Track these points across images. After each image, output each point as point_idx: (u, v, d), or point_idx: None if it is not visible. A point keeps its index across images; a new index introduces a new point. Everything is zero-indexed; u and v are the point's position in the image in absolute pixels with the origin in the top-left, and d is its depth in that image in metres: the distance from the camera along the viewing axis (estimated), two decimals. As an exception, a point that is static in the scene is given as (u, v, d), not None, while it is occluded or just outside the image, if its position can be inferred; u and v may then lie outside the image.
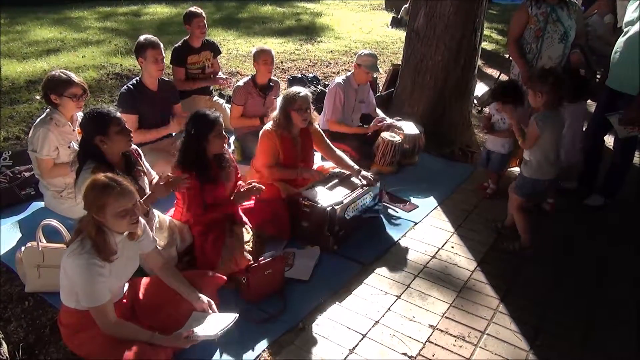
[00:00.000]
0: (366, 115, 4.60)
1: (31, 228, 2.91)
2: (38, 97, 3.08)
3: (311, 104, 3.31)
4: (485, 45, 8.43)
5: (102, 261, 2.02)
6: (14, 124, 4.67)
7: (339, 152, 3.54)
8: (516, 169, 4.24)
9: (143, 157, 2.98)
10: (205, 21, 4.53)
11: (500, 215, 3.53)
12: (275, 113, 3.34)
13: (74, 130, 3.20)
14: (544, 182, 3.14)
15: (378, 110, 4.64)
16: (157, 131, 3.74)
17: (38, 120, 3.14)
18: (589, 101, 4.64)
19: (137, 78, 3.76)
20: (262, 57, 4.05)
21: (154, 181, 2.97)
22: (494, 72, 7.32)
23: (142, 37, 3.69)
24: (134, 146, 2.90)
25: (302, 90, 3.28)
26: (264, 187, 3.00)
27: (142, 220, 2.27)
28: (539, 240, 3.29)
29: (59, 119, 3.12)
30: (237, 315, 2.32)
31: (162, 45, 3.69)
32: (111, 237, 2.08)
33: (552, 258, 3.20)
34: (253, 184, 2.97)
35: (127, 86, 3.70)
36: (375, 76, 5.76)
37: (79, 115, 3.28)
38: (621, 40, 3.45)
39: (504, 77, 5.95)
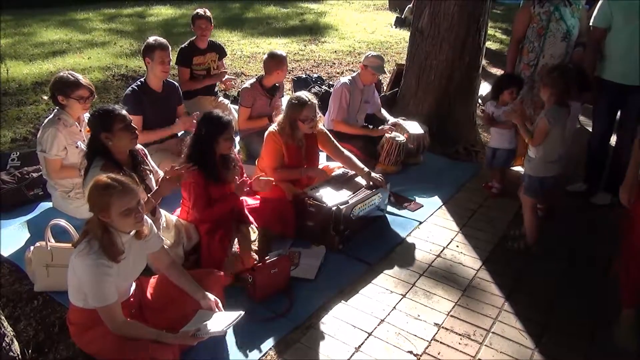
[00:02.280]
0: (371, 115, 4.61)
1: (39, 228, 2.94)
2: (45, 98, 3.14)
3: (317, 110, 3.31)
4: (490, 44, 8.41)
5: (109, 261, 2.04)
6: (22, 125, 4.71)
7: (347, 152, 3.54)
8: (518, 168, 4.25)
9: (149, 157, 3.01)
10: (208, 23, 4.55)
11: (506, 215, 3.54)
12: (280, 117, 3.34)
13: (80, 130, 3.24)
14: (550, 178, 3.13)
15: (383, 111, 4.64)
16: (162, 131, 3.76)
17: (46, 120, 3.18)
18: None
19: (142, 79, 3.79)
20: (285, 65, 4.11)
21: (160, 179, 3.00)
22: (498, 71, 7.31)
23: (151, 38, 3.73)
24: (140, 146, 2.93)
25: (309, 99, 3.25)
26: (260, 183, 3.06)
27: (148, 219, 2.29)
28: (544, 238, 3.29)
29: (67, 119, 3.15)
30: (242, 312, 2.34)
31: (170, 48, 3.72)
32: (118, 237, 2.10)
33: (558, 256, 3.20)
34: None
35: (131, 87, 3.72)
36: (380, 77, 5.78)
37: (86, 116, 3.31)
38: (628, 35, 3.45)
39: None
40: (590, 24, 3.66)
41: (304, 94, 3.30)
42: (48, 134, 3.10)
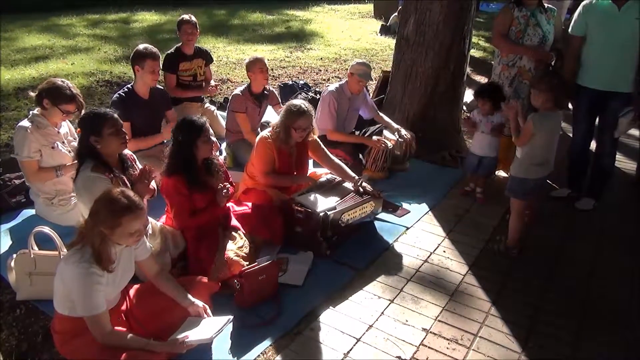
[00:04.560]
0: (369, 121, 4.63)
1: (22, 236, 2.90)
2: (32, 94, 3.16)
3: (312, 122, 3.31)
4: (473, 52, 8.53)
5: (101, 270, 2.01)
6: (3, 131, 4.63)
7: (337, 160, 3.55)
8: (501, 173, 4.31)
9: (138, 162, 2.99)
10: (194, 28, 4.54)
11: (492, 220, 3.59)
12: (276, 122, 3.34)
13: (58, 132, 3.21)
14: (531, 181, 3.15)
15: (382, 115, 4.60)
16: (151, 139, 3.74)
17: (19, 123, 3.15)
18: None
19: (129, 85, 3.76)
20: (258, 66, 4.05)
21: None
22: (482, 79, 7.42)
23: (141, 46, 3.69)
24: (129, 152, 2.92)
25: (307, 109, 3.23)
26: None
27: None
28: (529, 243, 3.34)
29: (41, 121, 3.14)
30: (231, 317, 2.33)
31: (160, 57, 3.70)
32: (112, 247, 2.08)
33: (543, 260, 3.24)
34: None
35: (118, 94, 3.69)
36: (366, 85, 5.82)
37: (64, 122, 3.30)
38: (603, 43, 3.53)
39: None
40: (569, 32, 3.75)
41: (303, 104, 3.27)
42: (19, 136, 3.08)
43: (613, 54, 3.52)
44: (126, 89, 3.71)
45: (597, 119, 3.79)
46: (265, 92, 4.27)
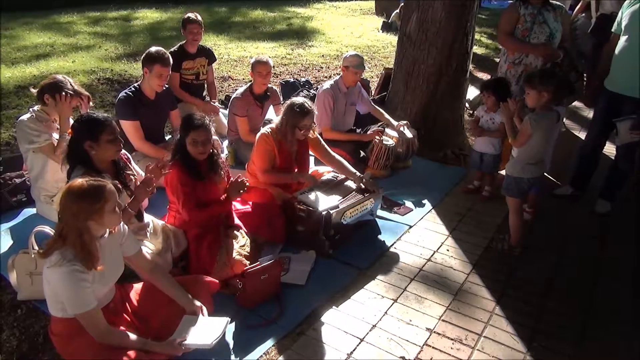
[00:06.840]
0: (366, 115, 4.59)
1: (23, 235, 2.87)
2: (33, 90, 3.19)
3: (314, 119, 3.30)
4: (476, 49, 8.48)
5: (83, 267, 1.98)
6: (4, 129, 4.61)
7: (338, 157, 3.53)
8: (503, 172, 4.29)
9: (133, 161, 2.97)
10: (200, 28, 4.52)
11: (495, 218, 3.57)
12: (278, 121, 3.31)
13: (58, 128, 3.21)
14: (526, 180, 3.12)
15: (378, 108, 4.58)
16: (160, 151, 3.61)
17: (19, 119, 3.16)
18: (576, 102, 4.69)
19: (137, 84, 3.73)
20: (257, 69, 4.03)
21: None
22: (484, 76, 7.38)
23: (154, 49, 3.65)
24: (123, 150, 2.90)
25: (311, 107, 3.22)
26: (247, 183, 2.98)
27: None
28: (534, 241, 3.32)
29: (40, 115, 3.15)
30: (228, 319, 2.32)
31: (171, 63, 3.68)
32: (93, 242, 2.03)
33: (547, 259, 3.22)
34: (240, 178, 2.96)
35: (125, 92, 3.66)
36: (367, 80, 5.79)
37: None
38: (625, 44, 3.46)
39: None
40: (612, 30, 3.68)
41: (306, 103, 3.24)
42: (27, 126, 3.08)
43: (630, 55, 3.40)
44: (133, 88, 3.68)
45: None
46: (268, 93, 4.24)
